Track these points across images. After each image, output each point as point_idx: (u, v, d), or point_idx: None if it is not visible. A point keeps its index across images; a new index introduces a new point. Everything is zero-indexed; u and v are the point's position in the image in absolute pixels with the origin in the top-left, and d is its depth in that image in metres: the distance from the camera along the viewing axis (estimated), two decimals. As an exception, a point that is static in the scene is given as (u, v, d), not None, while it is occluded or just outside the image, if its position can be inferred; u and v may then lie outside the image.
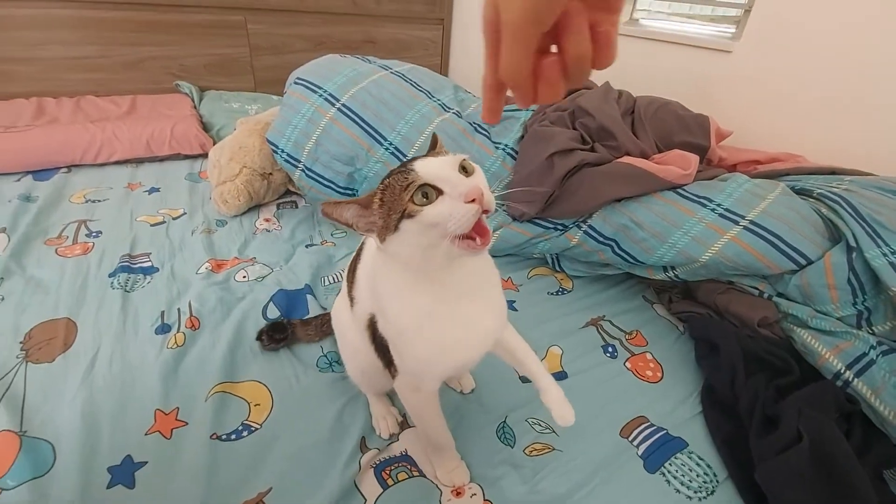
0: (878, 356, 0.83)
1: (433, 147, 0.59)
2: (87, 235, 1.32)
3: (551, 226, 1.19)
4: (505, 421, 0.86)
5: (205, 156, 1.85)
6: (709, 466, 0.81)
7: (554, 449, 0.82)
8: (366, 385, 0.85)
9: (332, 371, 0.95)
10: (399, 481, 0.75)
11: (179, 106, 2.03)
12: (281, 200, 1.64)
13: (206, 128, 1.95)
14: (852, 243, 0.89)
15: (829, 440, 0.74)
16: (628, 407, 0.91)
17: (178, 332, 1.00)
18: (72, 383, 0.86)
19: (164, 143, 1.79)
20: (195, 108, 2.06)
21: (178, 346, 0.96)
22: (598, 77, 1.44)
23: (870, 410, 0.82)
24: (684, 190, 1.07)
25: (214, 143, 1.84)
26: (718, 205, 1.01)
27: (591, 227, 1.14)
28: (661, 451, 0.83)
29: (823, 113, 1.25)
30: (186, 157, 1.87)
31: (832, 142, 1.22)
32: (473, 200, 0.47)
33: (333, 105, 1.35)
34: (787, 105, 1.32)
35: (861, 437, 0.80)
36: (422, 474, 0.77)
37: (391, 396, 0.89)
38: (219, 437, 0.79)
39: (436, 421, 0.72)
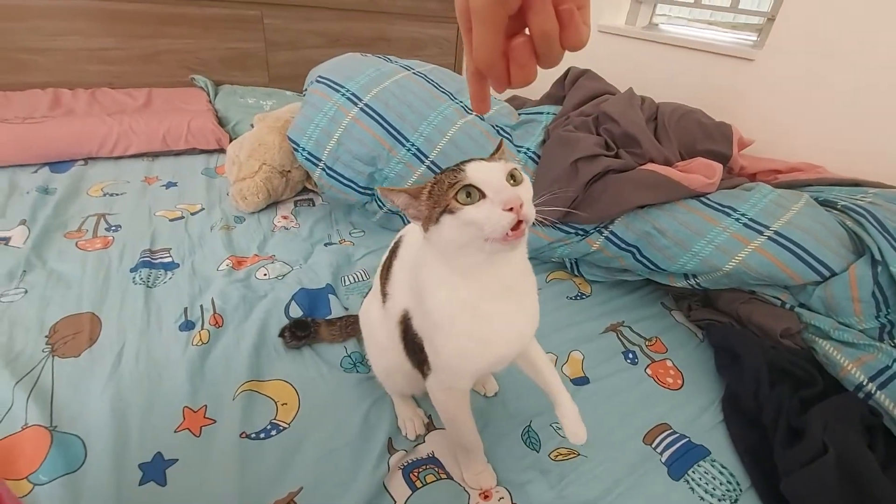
0: (902, 370, 0.84)
1: (496, 151, 0.61)
2: (106, 229, 1.33)
3: (572, 231, 1.20)
4: (530, 425, 0.87)
5: (221, 151, 1.86)
6: (732, 475, 0.82)
7: (579, 454, 0.82)
8: (391, 385, 0.86)
9: (357, 371, 0.95)
10: (427, 483, 0.76)
11: (195, 100, 2.03)
12: (298, 198, 1.64)
13: (221, 123, 1.95)
14: (878, 257, 0.90)
15: (855, 453, 0.75)
16: (651, 414, 0.91)
17: (202, 329, 1.00)
18: (99, 379, 0.87)
19: (180, 137, 1.79)
20: (210, 102, 2.06)
21: (202, 343, 0.96)
22: (621, 83, 1.45)
23: (892, 423, 0.82)
24: (708, 199, 1.07)
25: (231, 139, 1.84)
26: (743, 214, 1.01)
27: (612, 233, 1.14)
28: (684, 459, 0.83)
29: (846, 124, 1.25)
30: (202, 151, 1.87)
31: (855, 153, 1.23)
32: (512, 209, 0.49)
33: (356, 104, 1.35)
34: (809, 115, 1.33)
35: (884, 449, 0.80)
36: (449, 477, 0.78)
37: (416, 398, 0.90)
38: (248, 436, 0.80)
39: (466, 422, 0.72)
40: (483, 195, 0.51)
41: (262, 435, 0.80)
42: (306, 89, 1.56)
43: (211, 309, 1.06)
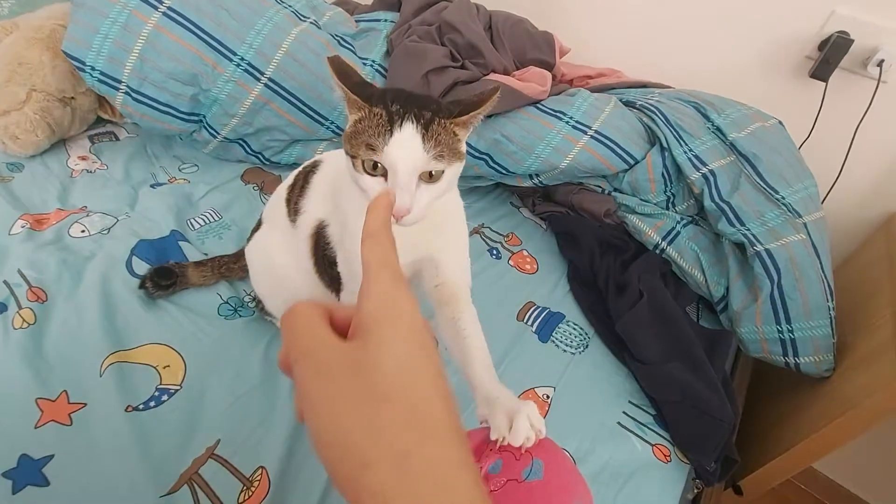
0: (681, 228, 1.14)
1: (477, 106, 0.53)
2: None
3: (429, 144, 1.23)
4: (425, 328, 0.95)
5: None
6: (581, 328, 1.04)
7: (470, 342, 0.95)
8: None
9: (239, 317, 0.90)
10: (347, 401, 0.80)
11: None
12: (93, 131, 1.32)
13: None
14: (665, 145, 1.15)
15: (659, 294, 1.02)
16: (518, 296, 1.08)
17: (20, 308, 0.81)
18: None
19: None
20: None
21: (28, 324, 0.79)
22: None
23: (677, 268, 1.13)
24: (543, 105, 1.20)
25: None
26: (571, 117, 1.17)
27: (467, 143, 1.21)
28: (548, 325, 1.03)
29: (638, 34, 1.48)
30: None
31: (643, 59, 1.48)
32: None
33: (156, 9, 1.10)
34: (610, 26, 1.53)
35: (673, 287, 1.11)
36: (365, 390, 0.83)
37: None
38: (136, 409, 0.71)
39: None
40: (385, 175, 0.49)
41: (153, 403, 0.73)
42: (72, -15, 1.20)
43: (23, 283, 0.85)
